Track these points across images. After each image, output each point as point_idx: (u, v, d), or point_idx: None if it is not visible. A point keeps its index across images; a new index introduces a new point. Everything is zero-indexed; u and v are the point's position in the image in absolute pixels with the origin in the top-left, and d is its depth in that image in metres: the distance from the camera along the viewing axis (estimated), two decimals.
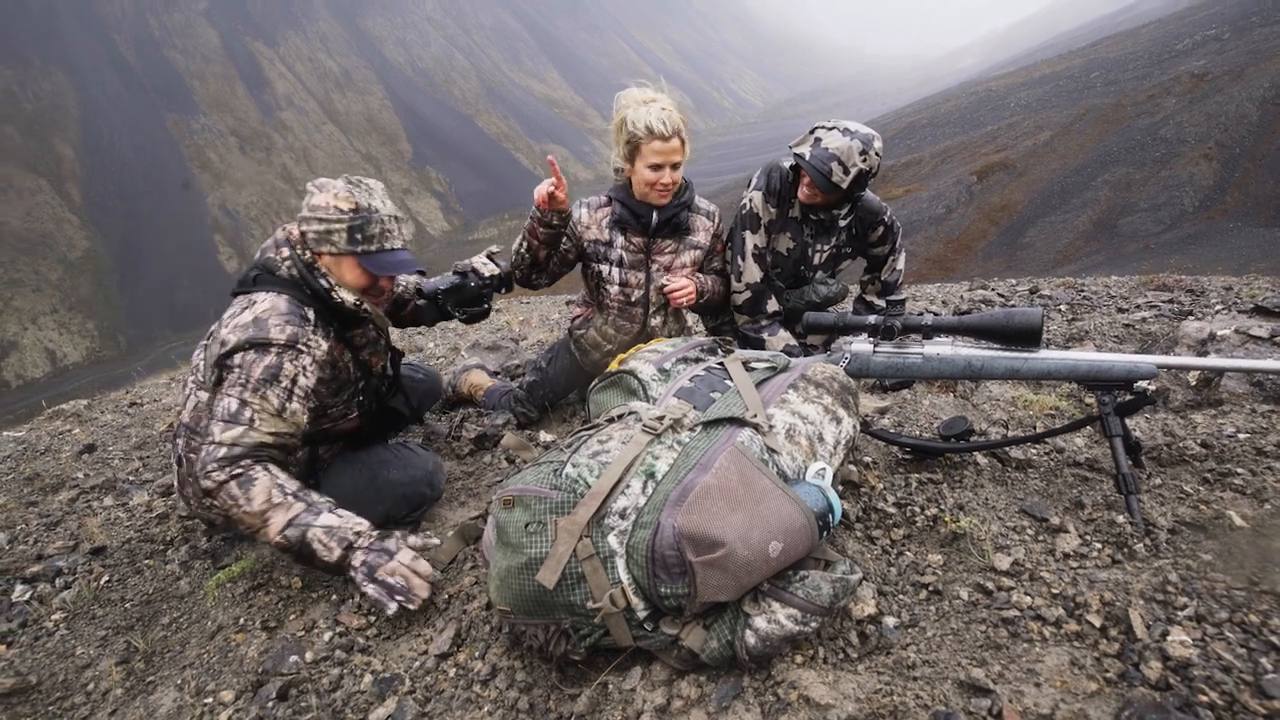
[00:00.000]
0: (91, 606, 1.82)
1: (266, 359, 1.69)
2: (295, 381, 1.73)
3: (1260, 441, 1.80)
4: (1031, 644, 1.24)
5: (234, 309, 1.81)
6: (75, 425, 3.66)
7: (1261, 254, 14.39)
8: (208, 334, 1.94)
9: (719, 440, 1.33)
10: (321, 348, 1.81)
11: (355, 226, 1.78)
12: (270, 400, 1.69)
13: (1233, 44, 27.56)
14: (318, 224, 1.79)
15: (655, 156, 2.24)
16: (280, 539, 1.60)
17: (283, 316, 1.74)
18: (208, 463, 1.62)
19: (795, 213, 2.63)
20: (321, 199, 1.79)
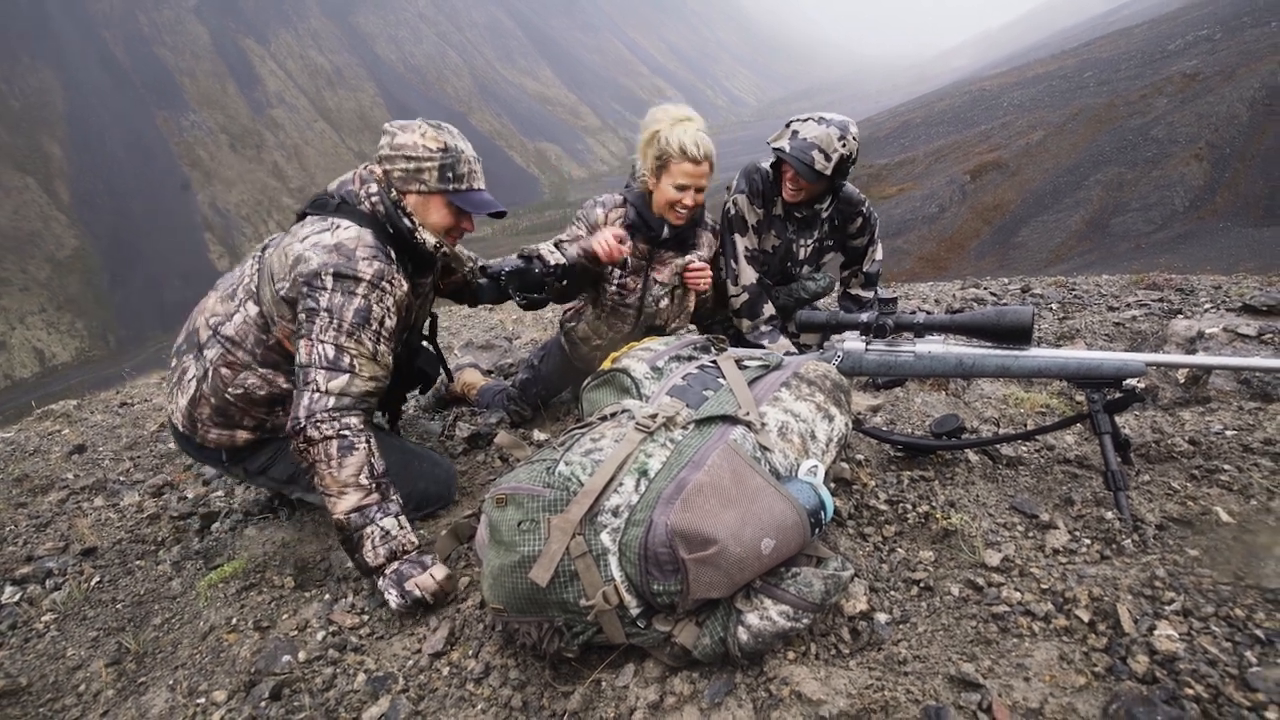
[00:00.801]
0: (82, 607, 1.82)
1: (355, 300, 1.66)
2: (383, 323, 1.71)
3: (1247, 438, 1.82)
4: (1021, 639, 1.25)
5: (312, 227, 1.76)
6: (65, 426, 3.64)
7: (1250, 253, 14.52)
8: (262, 245, 1.92)
9: (711, 438, 1.33)
10: (403, 288, 1.77)
11: (446, 165, 1.78)
12: (365, 344, 1.67)
13: (1224, 44, 27.78)
14: (405, 162, 1.78)
15: (683, 178, 2.25)
16: (343, 518, 1.60)
17: (370, 249, 1.71)
18: (316, 411, 1.61)
19: (778, 210, 2.66)
20: (407, 138, 1.78)
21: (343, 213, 1.79)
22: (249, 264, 1.92)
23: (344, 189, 1.84)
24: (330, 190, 1.87)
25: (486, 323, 5.37)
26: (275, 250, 1.81)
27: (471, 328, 5.19)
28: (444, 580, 1.59)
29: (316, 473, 1.63)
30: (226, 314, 1.86)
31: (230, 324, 1.85)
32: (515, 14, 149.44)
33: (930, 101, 43.29)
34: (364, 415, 1.68)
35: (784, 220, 2.67)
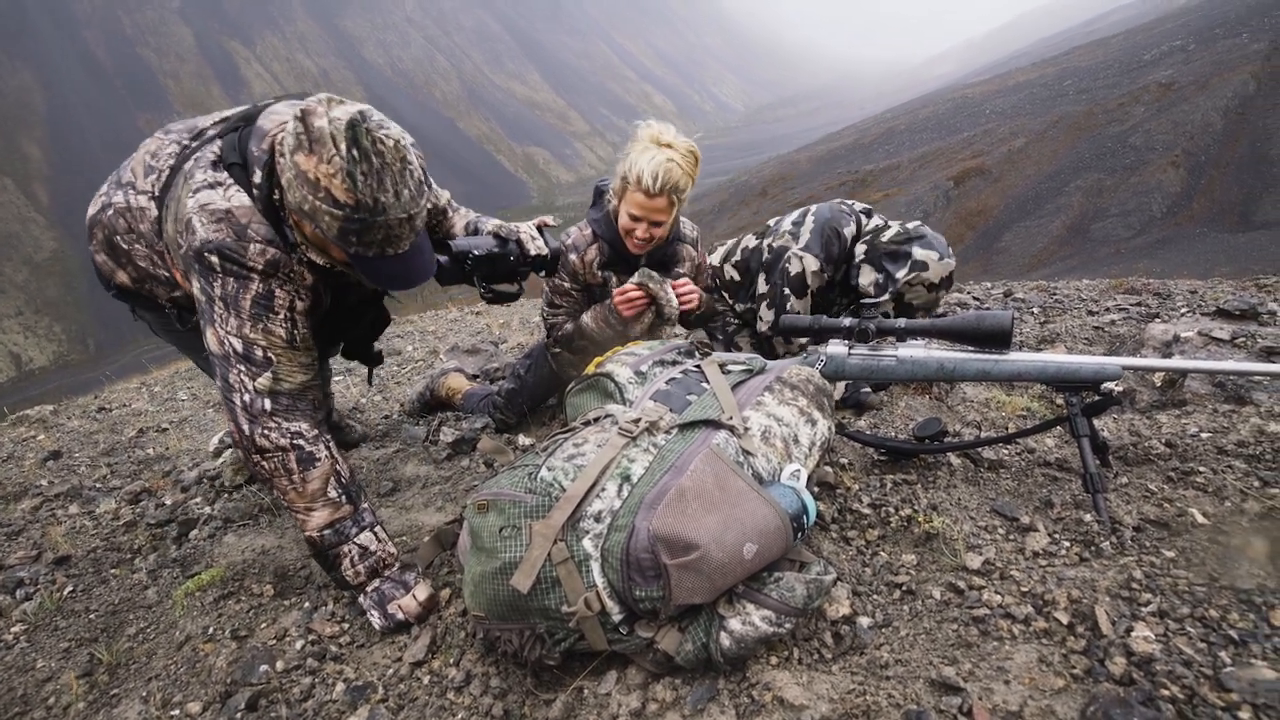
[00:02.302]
0: (54, 618, 1.78)
1: (252, 286, 1.44)
2: (292, 307, 1.50)
3: (1221, 441, 1.85)
4: (1001, 642, 1.26)
5: (204, 174, 1.47)
6: (40, 431, 3.57)
7: (1226, 258, 14.80)
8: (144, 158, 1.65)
9: (694, 443, 1.33)
10: (307, 279, 1.53)
11: (350, 229, 1.32)
12: (276, 332, 1.47)
13: (1198, 55, 28.38)
14: (301, 188, 1.30)
15: (635, 208, 2.10)
16: (315, 535, 1.50)
17: (264, 232, 1.45)
18: (256, 415, 1.44)
19: (838, 275, 2.55)
20: (311, 165, 1.27)
21: (235, 173, 1.48)
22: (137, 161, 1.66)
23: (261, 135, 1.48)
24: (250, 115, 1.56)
25: (472, 326, 5.35)
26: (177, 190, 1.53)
27: (457, 331, 5.17)
28: (426, 601, 1.56)
29: (277, 489, 1.49)
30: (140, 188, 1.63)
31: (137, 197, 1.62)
32: (503, 19, 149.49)
33: (914, 108, 43.82)
34: (313, 419, 1.52)
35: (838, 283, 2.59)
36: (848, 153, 38.05)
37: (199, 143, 1.61)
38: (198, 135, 1.64)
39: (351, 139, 1.26)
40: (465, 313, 6.26)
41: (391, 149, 1.32)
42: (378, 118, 1.34)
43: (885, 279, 2.37)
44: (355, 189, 1.27)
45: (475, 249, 1.80)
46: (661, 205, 2.06)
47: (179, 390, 4.41)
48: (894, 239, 2.39)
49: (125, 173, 1.70)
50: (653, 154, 2.03)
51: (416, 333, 5.33)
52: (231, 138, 1.53)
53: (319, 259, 1.49)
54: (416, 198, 1.37)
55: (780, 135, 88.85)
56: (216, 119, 1.69)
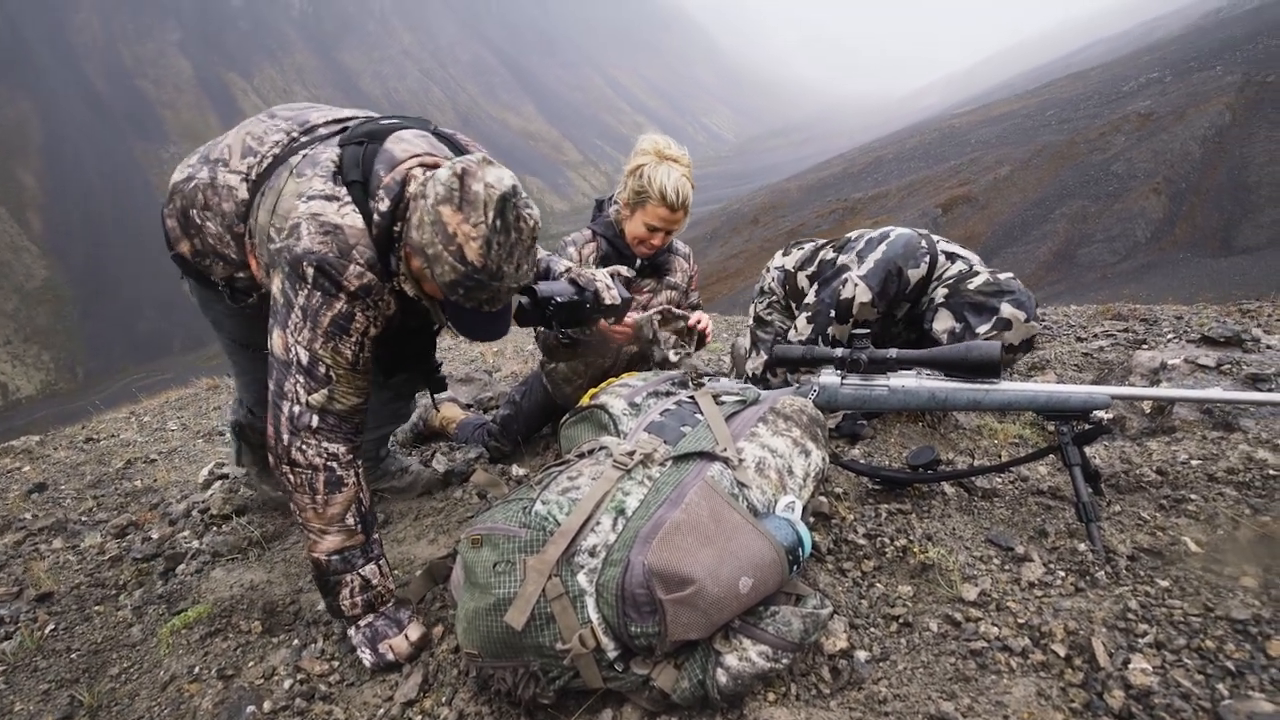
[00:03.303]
0: (34, 658, 1.73)
1: (337, 305, 1.45)
2: (366, 334, 1.51)
3: (1211, 468, 1.87)
4: (999, 675, 1.25)
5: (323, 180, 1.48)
6: (25, 462, 3.52)
7: (1210, 283, 15.03)
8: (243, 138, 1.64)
9: (689, 475, 1.33)
10: (391, 310, 1.55)
11: (463, 284, 1.39)
12: (344, 353, 1.48)
13: (1174, 87, 29.21)
14: (430, 238, 1.36)
15: (657, 221, 2.27)
16: (323, 559, 1.49)
17: (367, 256, 1.45)
18: (300, 429, 1.45)
19: (899, 313, 2.49)
20: (455, 221, 1.34)
21: (355, 192, 1.49)
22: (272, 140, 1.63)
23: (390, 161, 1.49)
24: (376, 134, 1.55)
25: (466, 355, 5.34)
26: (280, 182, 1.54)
27: (451, 360, 5.16)
28: (418, 641, 1.53)
29: (297, 504, 1.50)
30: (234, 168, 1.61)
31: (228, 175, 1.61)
32: (498, 51, 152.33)
33: (901, 138, 44.73)
34: (352, 443, 1.53)
35: (898, 319, 2.54)
36: (837, 181, 38.67)
37: (309, 138, 1.62)
38: (308, 130, 1.65)
39: (500, 210, 1.36)
40: (459, 341, 6.26)
41: (530, 229, 1.43)
42: (525, 196, 1.43)
43: (964, 330, 2.26)
44: (488, 255, 1.36)
45: (558, 296, 1.83)
46: (680, 217, 2.28)
47: (169, 420, 4.37)
48: (981, 289, 2.27)
49: (219, 149, 1.68)
50: (668, 169, 2.21)
51: None
52: (354, 151, 1.54)
53: (410, 290, 1.52)
54: (529, 272, 1.49)
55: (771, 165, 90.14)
56: (329, 118, 1.69)
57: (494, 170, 1.38)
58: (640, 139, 2.35)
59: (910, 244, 2.38)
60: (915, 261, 2.36)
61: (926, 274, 2.37)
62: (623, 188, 2.36)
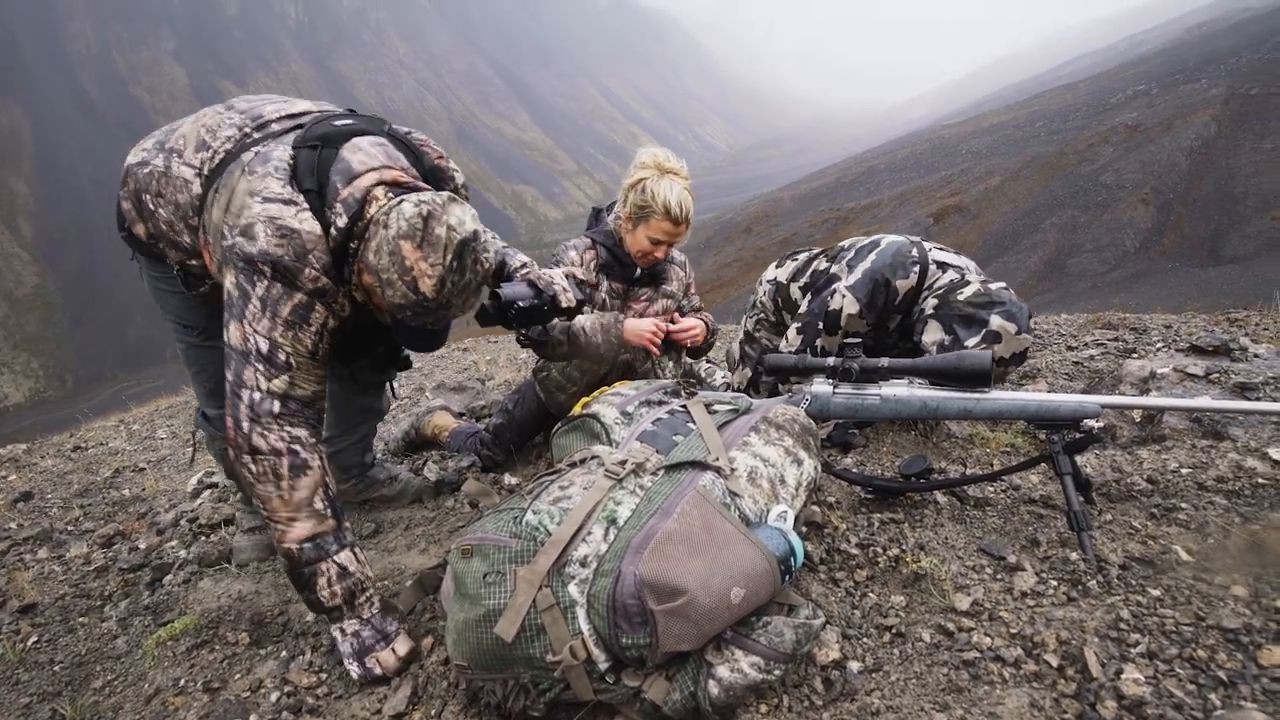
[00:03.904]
0: (16, 671, 1.70)
1: (296, 296, 1.46)
2: (325, 325, 1.53)
3: (1201, 476, 1.87)
4: (992, 686, 1.24)
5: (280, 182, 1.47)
6: (12, 471, 3.48)
7: (1198, 292, 15.19)
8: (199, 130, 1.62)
9: (681, 484, 1.33)
10: (346, 311, 1.57)
11: (414, 311, 1.46)
12: (304, 341, 1.49)
13: (1160, 99, 29.62)
14: (386, 264, 1.41)
15: (661, 234, 2.29)
16: (294, 548, 1.47)
17: (324, 260, 1.47)
18: (261, 415, 1.45)
19: (891, 324, 2.47)
20: (414, 257, 1.39)
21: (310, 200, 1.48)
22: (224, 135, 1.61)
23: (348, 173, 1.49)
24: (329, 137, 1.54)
25: (459, 364, 5.33)
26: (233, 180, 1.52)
27: (444, 369, 5.14)
28: (406, 655, 1.52)
29: (261, 496, 1.47)
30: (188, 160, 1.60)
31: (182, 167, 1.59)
32: (493, 62, 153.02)
33: (893, 149, 45.13)
34: (314, 429, 1.53)
35: (890, 330, 2.52)
36: (830, 191, 38.95)
37: (262, 134, 1.61)
38: (261, 125, 1.64)
39: (458, 254, 1.42)
40: (451, 349, 6.24)
41: (484, 272, 1.51)
42: (485, 239, 1.49)
43: (952, 342, 2.22)
44: (440, 291, 1.42)
45: (520, 300, 1.88)
46: (682, 230, 2.30)
47: (158, 429, 4.34)
48: (971, 299, 2.22)
49: (174, 137, 1.67)
50: (670, 183, 2.24)
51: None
52: (309, 156, 1.53)
53: (359, 297, 1.57)
54: (476, 305, 1.59)
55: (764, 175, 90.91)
56: (283, 113, 1.68)
57: (458, 212, 1.43)
58: (639, 152, 2.37)
59: (899, 253, 2.36)
60: (904, 272, 2.34)
61: (917, 284, 2.35)
62: (623, 202, 2.37)
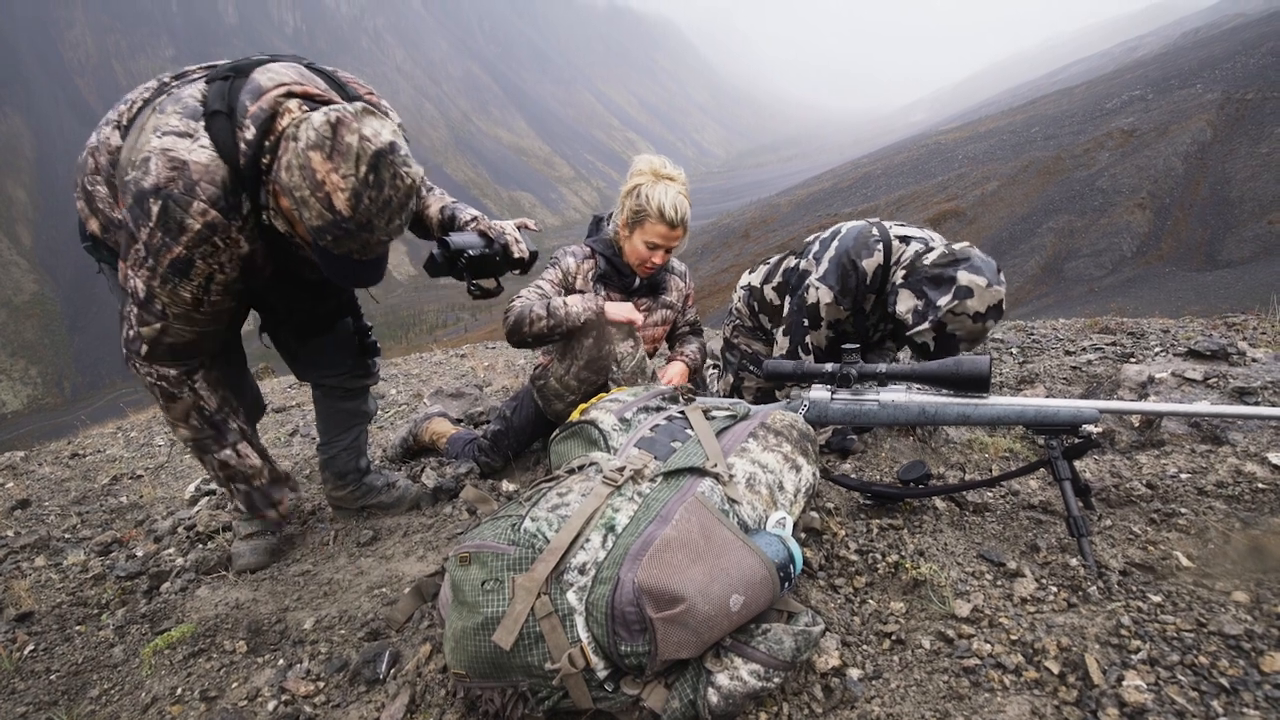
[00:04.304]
0: (11, 680, 1.69)
1: (176, 249, 1.41)
2: (210, 278, 1.47)
3: (1200, 481, 1.87)
4: (993, 693, 1.24)
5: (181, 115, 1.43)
6: (9, 478, 3.47)
7: (1196, 296, 15.24)
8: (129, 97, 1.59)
9: (679, 491, 1.32)
10: (242, 249, 1.50)
11: (336, 235, 1.37)
12: (182, 295, 1.46)
13: (1156, 104, 29.78)
14: (298, 181, 1.33)
15: (656, 238, 2.29)
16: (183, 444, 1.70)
17: (214, 191, 1.40)
18: (131, 353, 1.53)
19: (867, 306, 2.45)
20: (324, 168, 1.30)
21: (217, 123, 1.42)
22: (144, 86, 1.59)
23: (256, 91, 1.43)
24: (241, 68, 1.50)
25: (457, 370, 5.33)
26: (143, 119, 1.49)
27: (441, 375, 5.14)
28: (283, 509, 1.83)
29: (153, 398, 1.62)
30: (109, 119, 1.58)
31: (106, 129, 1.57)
32: (490, 68, 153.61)
33: (889, 154, 45.29)
34: (186, 366, 1.59)
35: (868, 313, 2.49)
36: (827, 196, 39.07)
37: (180, 81, 1.59)
38: (181, 75, 1.63)
39: (373, 166, 1.31)
40: (450, 355, 6.24)
41: (405, 189, 1.38)
42: (404, 153, 1.38)
43: (925, 305, 2.19)
44: (357, 207, 1.32)
45: (470, 249, 1.84)
46: (679, 234, 2.30)
47: (156, 435, 4.32)
48: (937, 261, 2.20)
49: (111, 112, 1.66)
50: (665, 187, 2.25)
51: (400, 375, 5.30)
52: (220, 85, 1.48)
53: (280, 226, 1.49)
54: (402, 229, 1.44)
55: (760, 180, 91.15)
56: (205, 65, 1.67)
57: (373, 123, 1.35)
58: (635, 160, 2.38)
59: (860, 235, 2.39)
60: (868, 251, 2.35)
61: (884, 261, 2.35)
62: (620, 209, 2.37)
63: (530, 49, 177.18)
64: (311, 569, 2.04)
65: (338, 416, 2.23)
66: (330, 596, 1.88)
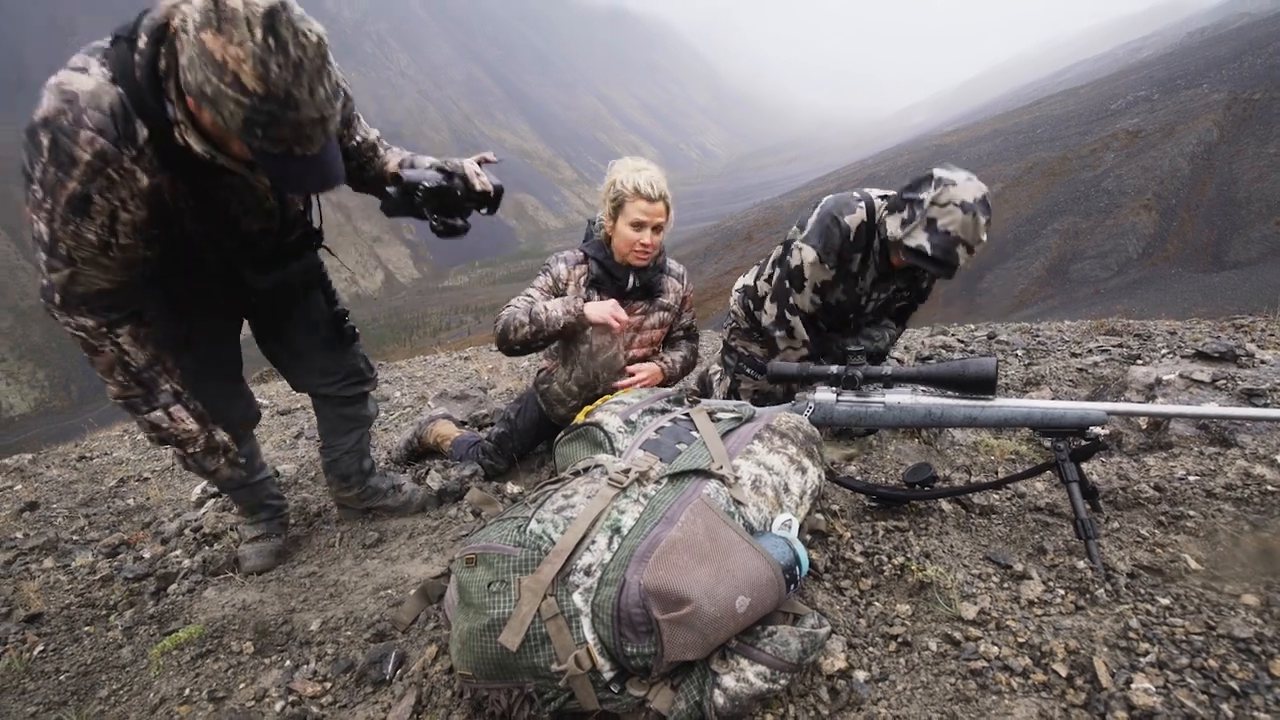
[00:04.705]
0: (22, 680, 1.70)
1: (70, 185, 1.32)
2: (114, 217, 1.37)
3: (1209, 484, 1.86)
4: (1000, 696, 1.23)
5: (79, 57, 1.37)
6: (18, 481, 3.49)
7: (1202, 298, 15.17)
8: None
9: (685, 493, 1.32)
10: (141, 183, 1.38)
11: (258, 121, 1.23)
12: (86, 237, 1.37)
13: (1162, 104, 29.67)
14: (203, 76, 1.21)
15: (639, 214, 2.29)
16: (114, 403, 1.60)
17: (102, 119, 1.31)
18: (46, 300, 1.45)
19: (854, 267, 2.41)
20: (219, 46, 1.18)
21: (117, 49, 1.34)
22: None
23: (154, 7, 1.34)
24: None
25: (461, 372, 5.34)
26: None
27: (445, 377, 5.16)
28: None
29: None
30: None
31: None
32: (493, 72, 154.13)
33: (893, 155, 45.23)
34: (105, 318, 1.49)
35: (856, 275, 2.45)
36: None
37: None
38: None
39: (269, 26, 1.19)
40: (454, 358, 6.26)
41: (313, 45, 1.25)
42: (299, 11, 1.26)
43: (911, 210, 2.15)
44: (268, 79, 1.19)
45: (425, 181, 1.78)
46: (660, 209, 2.30)
47: None
48: (907, 185, 2.23)
49: None
50: (638, 168, 2.30)
51: (404, 378, 5.31)
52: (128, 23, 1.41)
53: (198, 145, 1.36)
54: (332, 99, 1.30)
55: (763, 182, 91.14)
56: None
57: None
58: (610, 164, 2.41)
59: (842, 197, 2.42)
60: (849, 208, 2.36)
61: (867, 218, 2.34)
62: (602, 208, 2.39)
63: (532, 52, 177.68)
64: (318, 570, 2.05)
65: (337, 421, 2.24)
66: (336, 598, 1.88)
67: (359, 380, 2.19)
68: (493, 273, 64.05)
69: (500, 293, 16.90)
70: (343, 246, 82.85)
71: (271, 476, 2.29)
